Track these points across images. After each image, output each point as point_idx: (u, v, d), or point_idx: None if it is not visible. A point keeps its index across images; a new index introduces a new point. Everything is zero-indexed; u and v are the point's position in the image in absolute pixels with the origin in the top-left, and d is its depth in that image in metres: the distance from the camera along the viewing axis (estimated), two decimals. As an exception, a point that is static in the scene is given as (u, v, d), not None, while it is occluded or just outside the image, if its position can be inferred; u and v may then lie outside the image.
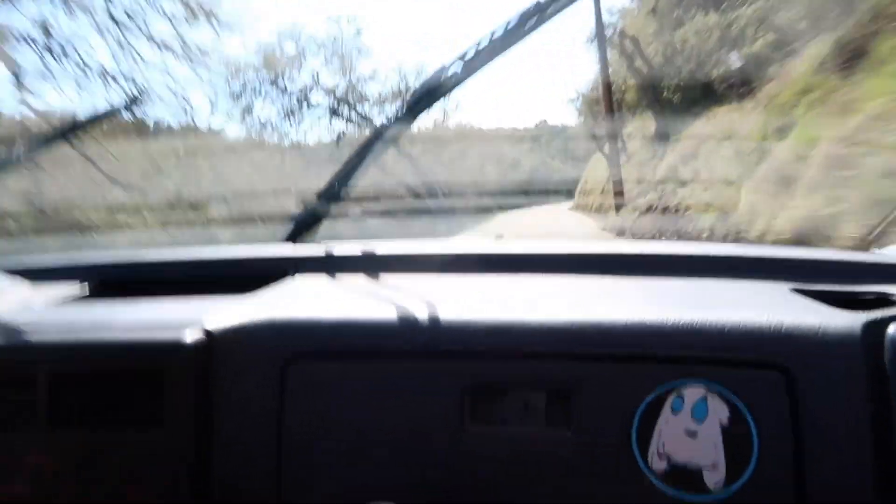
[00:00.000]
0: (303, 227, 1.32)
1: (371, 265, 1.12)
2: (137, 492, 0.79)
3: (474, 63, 0.99)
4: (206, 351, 0.80)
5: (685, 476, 0.73)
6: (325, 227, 1.35)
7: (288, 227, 1.32)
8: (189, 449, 0.78)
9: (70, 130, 1.31)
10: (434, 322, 0.83)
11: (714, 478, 0.72)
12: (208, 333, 0.82)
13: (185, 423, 0.78)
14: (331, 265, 1.13)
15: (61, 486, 0.80)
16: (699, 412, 0.74)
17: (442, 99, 1.06)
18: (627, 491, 0.74)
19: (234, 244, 1.32)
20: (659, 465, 0.74)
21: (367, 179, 1.31)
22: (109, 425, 0.79)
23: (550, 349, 0.78)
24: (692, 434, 0.74)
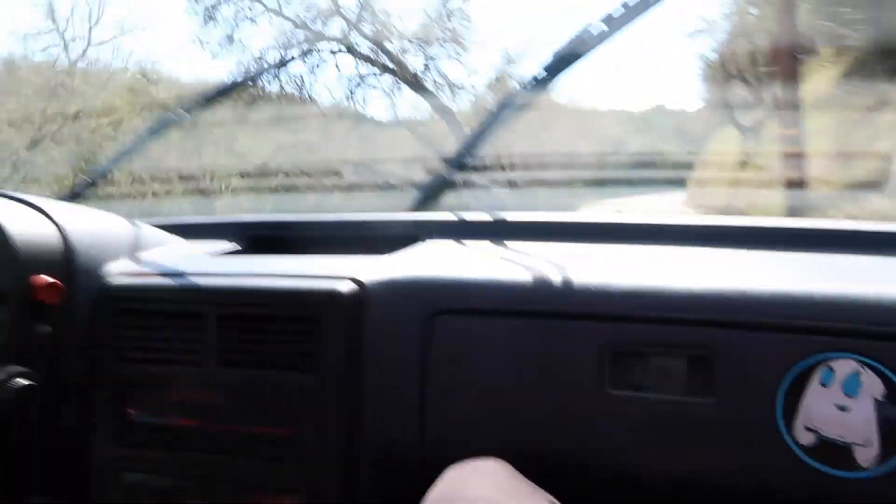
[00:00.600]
0: (430, 195, 1.36)
1: (501, 232, 1.14)
2: (291, 430, 0.86)
3: (616, 23, 0.98)
4: (358, 301, 0.86)
5: (834, 451, 0.71)
6: (451, 195, 1.38)
7: (415, 195, 1.37)
8: (340, 393, 0.84)
9: (215, 97, 1.41)
10: (571, 284, 0.85)
11: (866, 455, 0.70)
12: (360, 285, 0.87)
13: (338, 368, 0.84)
14: (461, 231, 1.16)
15: (224, 421, 0.88)
16: (851, 387, 0.72)
17: (577, 63, 1.05)
18: (772, 463, 0.73)
19: (362, 209, 1.38)
20: (806, 438, 0.72)
21: (493, 148, 1.32)
22: (268, 367, 0.86)
23: (693, 315, 0.78)
24: (843, 408, 0.72)
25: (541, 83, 1.12)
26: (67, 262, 0.93)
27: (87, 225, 1.02)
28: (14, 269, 0.87)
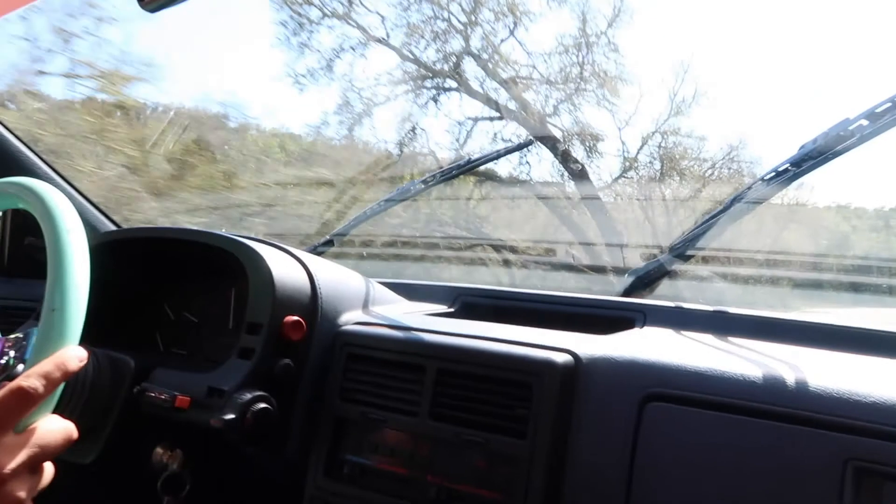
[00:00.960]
0: (646, 281, 1.33)
1: (723, 326, 1.08)
2: (491, 492, 0.87)
3: (882, 121, 0.89)
4: (572, 373, 0.86)
5: None
6: (667, 284, 1.34)
7: (629, 280, 1.35)
8: (546, 462, 0.83)
9: (450, 174, 1.52)
10: (806, 387, 0.77)
11: None
12: (576, 358, 0.87)
13: (546, 437, 0.83)
14: (680, 320, 1.12)
15: (431, 473, 0.91)
16: None
17: (833, 159, 0.97)
18: None
19: (573, 290, 1.38)
20: None
21: (720, 241, 1.28)
22: (478, 428, 0.88)
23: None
24: None
25: (782, 177, 1.07)
26: (313, 306, 1.04)
27: (331, 276, 1.13)
28: (271, 306, 0.99)
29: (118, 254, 1.32)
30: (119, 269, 1.35)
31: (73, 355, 0.69)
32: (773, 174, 1.05)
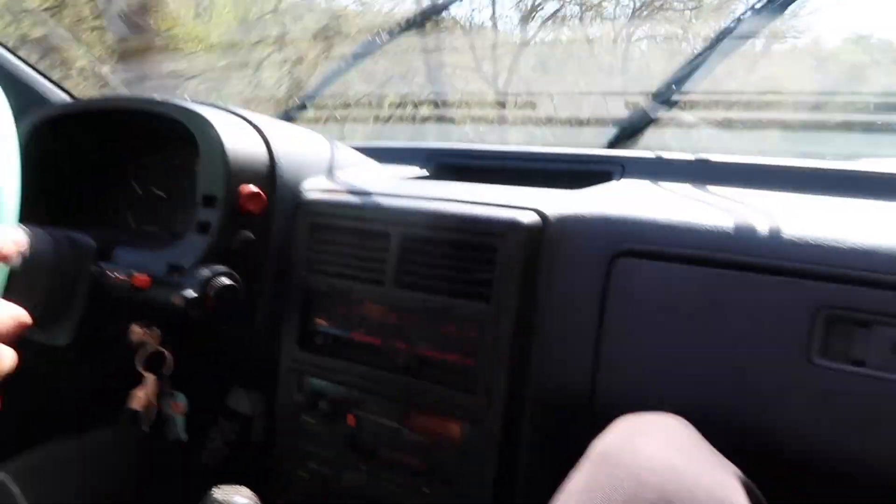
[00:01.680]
0: (630, 131, 1.26)
1: (704, 175, 1.03)
2: (460, 356, 0.86)
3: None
4: (538, 233, 0.82)
5: None
6: (652, 133, 1.27)
7: (613, 131, 1.28)
8: (511, 326, 0.81)
9: (418, 21, 1.40)
10: (781, 236, 0.74)
11: None
12: (542, 216, 0.83)
13: (510, 300, 0.81)
14: (659, 171, 1.07)
15: (402, 341, 0.90)
16: None
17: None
18: None
19: (556, 143, 1.32)
20: None
21: (707, 84, 1.19)
22: (443, 293, 0.86)
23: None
24: None
25: (768, 9, 0.97)
26: (271, 176, 0.99)
27: (292, 143, 1.07)
28: (225, 176, 0.94)
29: (74, 128, 1.25)
30: (78, 143, 1.28)
31: (6, 239, 0.64)
32: (759, 5, 0.96)
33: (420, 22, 1.32)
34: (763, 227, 0.76)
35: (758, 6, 0.98)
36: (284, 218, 0.99)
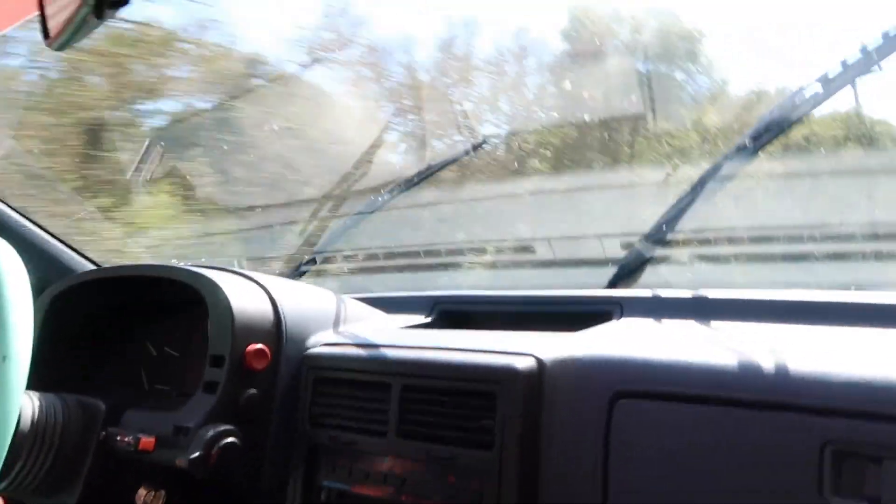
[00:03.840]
0: (627, 270, 1.30)
1: (702, 311, 1.05)
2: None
3: (836, 84, 0.87)
4: (537, 378, 0.83)
5: None
6: (650, 271, 1.31)
7: (611, 271, 1.31)
8: (515, 474, 0.80)
9: (419, 180, 1.50)
10: (787, 371, 0.74)
11: None
12: (540, 362, 0.84)
13: (514, 447, 0.80)
14: (658, 309, 1.09)
15: (402, 493, 0.88)
16: None
17: (792, 128, 0.94)
18: None
19: (557, 286, 1.35)
20: None
21: (698, 221, 1.24)
22: (446, 443, 0.86)
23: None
24: None
25: (748, 151, 1.03)
26: (277, 332, 1.02)
27: (299, 300, 1.11)
28: (232, 336, 0.97)
29: (93, 295, 1.31)
30: (96, 309, 1.34)
31: None
32: (735, 149, 1.02)
33: (417, 182, 1.41)
34: (765, 363, 0.76)
35: (730, 154, 1.04)
36: (290, 373, 1.01)
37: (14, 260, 0.73)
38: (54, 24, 0.69)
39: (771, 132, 0.97)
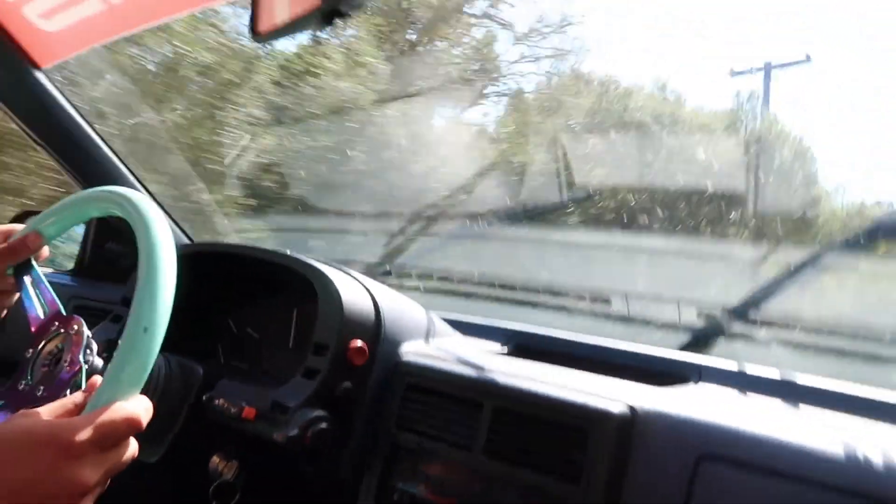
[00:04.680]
0: (701, 338, 1.32)
1: (783, 390, 1.07)
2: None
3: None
4: (629, 424, 0.86)
5: None
6: (723, 344, 1.33)
7: (682, 336, 1.34)
8: (598, 510, 0.83)
9: (517, 212, 1.55)
10: (867, 462, 0.76)
11: None
12: (633, 409, 0.88)
13: (600, 485, 0.84)
14: (737, 380, 1.11)
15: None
16: None
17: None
18: None
19: (627, 338, 1.38)
20: None
21: (786, 305, 1.26)
22: (531, 468, 0.89)
23: None
24: None
25: (853, 247, 1.06)
26: (377, 333, 1.07)
27: (395, 305, 1.16)
28: (338, 328, 1.02)
29: (192, 267, 1.37)
30: (191, 282, 1.40)
31: (140, 409, 0.63)
32: (850, 240, 1.05)
33: (516, 217, 1.46)
34: (849, 451, 0.78)
35: (838, 246, 1.07)
36: (383, 374, 1.06)
37: (170, 239, 0.72)
38: (267, 18, 0.76)
39: (880, 234, 1.00)
